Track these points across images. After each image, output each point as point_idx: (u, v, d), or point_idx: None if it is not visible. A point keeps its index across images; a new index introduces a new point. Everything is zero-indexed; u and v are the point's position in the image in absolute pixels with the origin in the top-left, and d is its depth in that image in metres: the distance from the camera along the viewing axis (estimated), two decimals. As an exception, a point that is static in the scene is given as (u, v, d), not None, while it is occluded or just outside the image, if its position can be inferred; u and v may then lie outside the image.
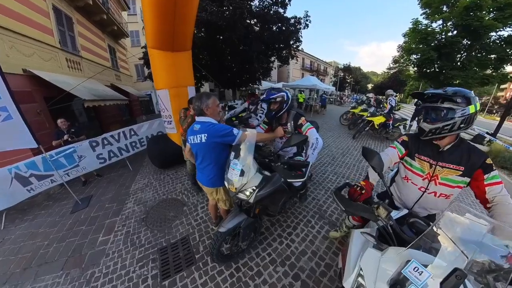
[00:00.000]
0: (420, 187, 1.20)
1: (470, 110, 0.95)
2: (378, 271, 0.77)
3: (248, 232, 1.70)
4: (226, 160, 1.57)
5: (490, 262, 0.69)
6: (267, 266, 1.86)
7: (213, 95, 1.57)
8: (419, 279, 0.64)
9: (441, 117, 1.01)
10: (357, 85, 40.26)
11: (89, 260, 2.11)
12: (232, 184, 1.46)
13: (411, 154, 1.24)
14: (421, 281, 0.64)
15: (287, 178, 1.52)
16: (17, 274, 2.05)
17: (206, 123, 1.52)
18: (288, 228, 2.31)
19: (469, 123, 0.99)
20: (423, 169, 1.17)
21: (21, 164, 2.96)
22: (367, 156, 1.13)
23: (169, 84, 3.63)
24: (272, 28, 8.82)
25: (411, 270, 0.67)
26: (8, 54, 3.89)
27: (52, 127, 4.65)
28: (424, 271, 0.66)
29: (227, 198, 1.86)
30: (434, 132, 1.04)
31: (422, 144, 1.19)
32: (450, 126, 0.99)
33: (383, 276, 0.74)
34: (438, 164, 1.12)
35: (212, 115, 1.56)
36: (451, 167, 1.08)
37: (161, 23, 2.97)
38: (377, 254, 0.84)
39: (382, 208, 0.93)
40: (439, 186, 1.13)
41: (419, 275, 0.65)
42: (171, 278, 1.79)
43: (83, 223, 2.72)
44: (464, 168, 1.05)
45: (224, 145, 1.57)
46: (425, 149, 1.18)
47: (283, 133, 1.87)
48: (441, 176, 1.12)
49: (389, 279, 0.71)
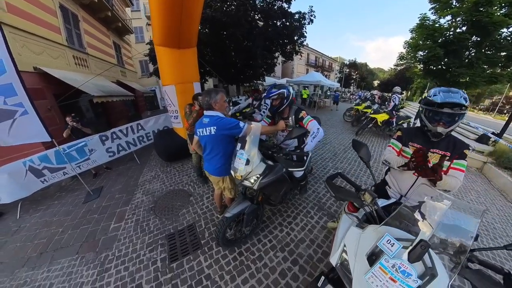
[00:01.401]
0: (414, 172, 1.29)
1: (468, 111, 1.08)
2: (358, 246, 0.84)
3: (251, 218, 1.81)
4: (232, 150, 1.68)
5: (461, 243, 0.78)
6: (267, 252, 1.96)
7: (221, 91, 1.67)
8: (391, 250, 0.72)
9: (456, 120, 1.13)
10: (362, 81, 39.46)
11: (103, 244, 2.25)
12: (238, 172, 1.56)
13: (406, 143, 1.38)
14: (393, 252, 0.71)
15: (288, 167, 1.61)
16: (34, 258, 2.22)
17: (215, 117, 1.63)
18: (289, 218, 2.41)
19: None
20: None
21: (35, 157, 3.13)
22: (356, 148, 1.24)
23: (176, 80, 3.73)
24: (276, 23, 8.76)
25: (385, 242, 0.75)
26: (20, 52, 4.04)
27: (62, 123, 4.82)
28: (395, 243, 0.73)
29: (232, 187, 1.96)
30: (446, 133, 1.17)
31: (415, 134, 1.35)
32: (456, 126, 1.15)
33: (362, 250, 0.81)
34: (430, 150, 1.26)
35: (220, 110, 1.66)
36: (440, 152, 1.23)
37: (168, 21, 3.03)
38: (358, 232, 0.91)
39: (368, 194, 1.01)
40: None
41: (391, 247, 0.73)
42: (179, 261, 1.92)
43: (95, 212, 2.88)
44: (450, 154, 1.21)
45: (231, 137, 1.68)
46: (418, 138, 1.33)
47: (285, 126, 1.95)
48: (432, 160, 1.22)
49: (367, 252, 0.79)
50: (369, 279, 0.70)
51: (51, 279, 1.93)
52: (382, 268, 0.70)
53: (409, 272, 0.66)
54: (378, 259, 0.73)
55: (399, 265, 0.68)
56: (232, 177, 1.87)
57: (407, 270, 0.67)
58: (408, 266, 0.67)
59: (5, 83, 2.47)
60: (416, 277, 0.66)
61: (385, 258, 0.71)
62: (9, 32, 3.79)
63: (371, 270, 0.71)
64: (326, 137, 6.02)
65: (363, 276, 0.72)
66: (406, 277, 0.66)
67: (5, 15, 3.82)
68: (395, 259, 0.70)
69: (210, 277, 1.75)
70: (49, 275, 1.98)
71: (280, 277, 1.72)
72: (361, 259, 0.78)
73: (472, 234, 0.77)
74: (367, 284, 0.70)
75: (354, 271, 0.77)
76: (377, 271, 0.70)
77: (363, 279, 0.72)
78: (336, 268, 0.87)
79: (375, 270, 0.71)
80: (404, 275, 0.66)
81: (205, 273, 1.78)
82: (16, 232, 2.70)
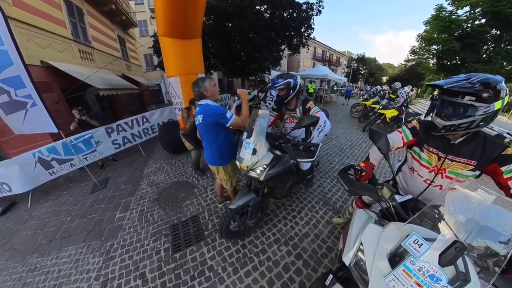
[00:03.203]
0: (426, 179, 1.14)
1: (496, 107, 0.81)
2: (378, 245, 0.77)
3: (255, 210, 1.77)
4: (223, 141, 1.68)
5: (488, 246, 0.69)
6: (271, 245, 1.93)
7: (207, 77, 1.64)
8: (418, 251, 0.64)
9: (459, 113, 0.87)
10: (371, 77, 38.02)
11: (108, 233, 2.29)
12: (244, 162, 1.50)
13: (420, 143, 1.15)
14: (420, 253, 0.64)
15: (297, 158, 1.55)
16: (44, 245, 2.29)
17: (203, 105, 1.60)
18: (293, 212, 2.37)
19: (490, 121, 0.85)
20: (430, 161, 1.10)
21: (44, 149, 3.19)
22: (374, 138, 1.10)
23: (180, 71, 3.68)
24: (283, 14, 8.48)
25: (411, 242, 0.67)
26: (26, 46, 4.08)
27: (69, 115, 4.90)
28: (424, 243, 0.65)
29: (227, 178, 1.93)
30: (448, 129, 0.93)
31: (432, 134, 1.08)
32: (467, 124, 0.86)
33: (383, 250, 0.74)
34: (448, 158, 1.02)
35: (212, 96, 1.64)
36: (461, 161, 0.98)
37: (172, 10, 2.97)
38: (378, 229, 0.84)
39: (386, 188, 0.91)
40: (445, 179, 1.06)
41: (418, 247, 0.65)
42: (182, 252, 1.92)
43: (101, 202, 2.93)
44: (477, 163, 0.95)
45: (219, 126, 1.62)
46: (434, 140, 1.07)
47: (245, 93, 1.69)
48: (448, 169, 1.03)
49: (389, 252, 0.71)
50: (390, 282, 0.64)
51: (60, 265, 1.99)
52: (406, 270, 0.63)
53: (439, 277, 0.59)
54: (402, 260, 0.66)
55: (428, 269, 0.61)
56: (227, 168, 1.87)
57: (437, 275, 0.60)
58: (438, 270, 0.60)
59: (14, 75, 2.52)
60: (447, 282, 0.59)
61: (411, 260, 0.64)
62: (15, 26, 3.81)
63: (393, 272, 0.65)
64: (333, 132, 5.87)
65: (382, 279, 0.66)
66: (435, 282, 0.59)
67: (10, 8, 3.85)
68: (423, 262, 0.62)
69: (212, 268, 1.74)
70: (58, 262, 2.04)
71: (283, 271, 1.69)
72: (381, 260, 0.71)
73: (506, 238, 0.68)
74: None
75: (371, 272, 0.70)
76: (400, 274, 0.64)
77: (382, 282, 0.65)
78: (349, 268, 0.81)
79: (397, 273, 0.64)
80: (433, 279, 0.60)
81: (208, 264, 1.78)
82: (27, 221, 2.79)
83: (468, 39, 7.24)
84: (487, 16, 6.85)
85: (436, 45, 8.67)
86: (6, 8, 3.72)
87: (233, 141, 1.88)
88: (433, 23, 8.36)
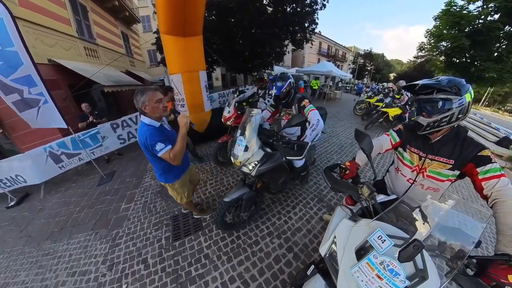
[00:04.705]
0: (409, 178, 1.19)
1: (467, 99, 0.89)
2: (348, 239, 0.82)
3: (249, 204, 1.89)
4: (162, 161, 1.47)
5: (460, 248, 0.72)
6: (264, 237, 2.05)
7: (151, 89, 1.36)
8: (381, 246, 0.68)
9: (438, 109, 0.94)
10: (377, 73, 36.60)
11: (114, 222, 2.46)
12: (237, 158, 1.61)
13: (404, 144, 1.22)
14: (383, 248, 0.67)
15: (286, 155, 1.63)
16: (56, 233, 2.49)
17: (141, 124, 1.38)
18: (288, 207, 2.47)
19: (466, 113, 0.93)
20: (412, 161, 1.16)
21: (54, 144, 3.38)
22: (358, 138, 1.14)
23: (182, 68, 3.75)
24: (286, 9, 8.32)
25: (376, 238, 0.71)
26: (34, 45, 4.22)
27: (77, 112, 5.08)
28: (386, 239, 0.69)
29: (176, 195, 1.83)
30: (433, 125, 0.98)
31: (414, 135, 1.15)
32: (448, 117, 0.93)
33: (352, 244, 0.79)
34: (428, 157, 1.08)
35: (152, 114, 1.36)
36: (440, 160, 1.03)
37: (172, 8, 3.02)
38: (350, 224, 0.89)
39: (366, 187, 0.96)
40: (427, 178, 1.11)
41: (381, 243, 0.69)
42: (181, 240, 2.07)
43: (108, 194, 3.11)
44: (454, 162, 0.99)
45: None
46: (416, 140, 1.14)
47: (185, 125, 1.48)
48: (429, 169, 1.08)
49: (357, 246, 0.76)
50: (355, 273, 0.69)
51: (70, 250, 2.18)
52: (369, 263, 0.68)
53: (398, 272, 0.63)
54: (366, 254, 0.71)
55: (388, 263, 0.65)
56: (174, 185, 1.72)
57: (396, 269, 0.64)
58: (397, 265, 0.64)
59: (25, 75, 2.67)
60: (405, 277, 0.62)
61: (374, 254, 0.69)
62: (22, 25, 3.93)
63: (357, 264, 0.70)
64: (334, 130, 5.89)
65: (349, 270, 0.71)
66: (394, 276, 0.63)
67: (17, 8, 3.96)
68: (384, 256, 0.67)
69: (208, 256, 1.88)
70: (68, 247, 2.22)
71: (274, 262, 1.80)
72: (349, 252, 0.77)
73: (474, 240, 0.71)
74: (352, 278, 0.69)
75: (341, 263, 0.76)
76: (364, 266, 0.68)
77: (348, 272, 0.71)
78: (324, 258, 0.87)
79: (362, 265, 0.69)
80: (392, 273, 0.63)
81: (204, 253, 1.91)
82: (41, 210, 3.00)
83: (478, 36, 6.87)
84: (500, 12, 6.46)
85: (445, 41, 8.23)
86: (13, 8, 3.82)
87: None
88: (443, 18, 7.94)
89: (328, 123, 6.55)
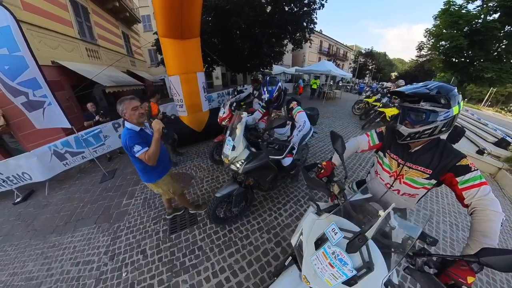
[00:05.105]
0: (386, 183, 1.19)
1: (454, 112, 0.86)
2: (311, 231, 0.91)
3: (239, 199, 2.02)
4: (140, 162, 1.59)
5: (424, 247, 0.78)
6: (254, 232, 2.19)
7: (128, 99, 1.52)
8: (334, 238, 0.76)
9: (422, 120, 0.90)
10: (379, 72, 35.95)
11: (116, 217, 2.62)
12: (226, 157, 1.75)
13: (384, 148, 1.19)
14: (335, 240, 0.76)
15: (269, 155, 1.76)
16: (61, 226, 2.65)
17: (124, 128, 1.56)
18: (279, 204, 2.60)
19: (451, 126, 0.90)
20: (391, 166, 1.15)
21: (58, 143, 3.54)
22: (332, 139, 1.18)
23: (180, 70, 3.88)
24: (284, 9, 8.31)
25: (330, 230, 0.79)
26: (38, 48, 4.36)
27: (79, 111, 5.24)
28: (338, 232, 0.77)
29: (162, 192, 1.95)
30: (413, 136, 0.95)
31: (395, 141, 1.10)
32: (431, 130, 0.90)
33: (313, 235, 0.87)
34: (406, 165, 1.06)
35: (131, 120, 1.52)
36: (418, 168, 1.02)
37: (169, 12, 3.13)
38: (314, 218, 0.98)
39: (337, 185, 1.02)
40: (403, 185, 1.11)
41: (334, 235, 0.77)
42: (177, 233, 2.22)
43: (110, 190, 3.27)
44: (432, 171, 0.98)
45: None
46: (396, 147, 1.11)
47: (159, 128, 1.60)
48: (406, 176, 1.08)
49: (317, 237, 0.84)
50: (313, 261, 0.78)
51: (74, 242, 2.34)
52: (324, 253, 0.76)
53: (346, 261, 0.71)
54: (323, 244, 0.79)
55: (338, 253, 0.73)
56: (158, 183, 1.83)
57: (344, 259, 0.71)
58: (345, 255, 0.71)
59: (30, 78, 2.82)
60: (352, 267, 0.70)
61: (328, 244, 0.77)
62: (26, 29, 4.06)
63: (315, 253, 0.79)
64: (330, 129, 5.92)
65: (309, 258, 0.80)
66: (343, 265, 0.70)
67: (21, 13, 4.09)
68: (335, 247, 0.74)
69: (202, 248, 2.03)
70: (73, 240, 2.38)
71: (262, 255, 1.93)
72: (310, 243, 0.85)
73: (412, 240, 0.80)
74: (312, 265, 0.78)
75: (304, 253, 0.86)
76: (320, 255, 0.77)
77: (309, 261, 0.80)
78: (294, 248, 0.96)
79: (318, 254, 0.77)
80: (341, 263, 0.71)
81: (198, 245, 2.06)
82: (46, 206, 3.17)
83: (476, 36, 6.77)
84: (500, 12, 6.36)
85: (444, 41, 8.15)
86: (18, 12, 3.97)
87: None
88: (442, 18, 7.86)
89: (326, 123, 6.64)
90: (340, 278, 0.70)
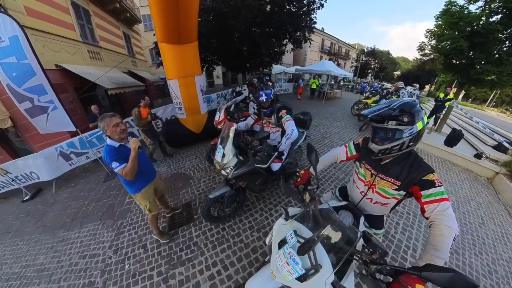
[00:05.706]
0: (361, 191, 1.26)
1: (418, 127, 0.92)
2: (278, 233, 1.05)
3: (231, 201, 2.20)
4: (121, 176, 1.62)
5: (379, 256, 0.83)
6: (246, 230, 2.36)
7: (108, 116, 1.56)
8: (291, 241, 0.93)
9: (389, 137, 0.97)
10: (381, 72, 34.79)
11: (119, 214, 2.82)
12: (218, 163, 1.92)
13: (360, 159, 1.26)
14: (291, 243, 0.92)
15: (254, 163, 1.93)
16: (68, 223, 2.85)
17: (105, 144, 1.61)
18: (270, 205, 2.75)
19: (418, 140, 0.96)
20: (365, 176, 1.22)
21: (64, 144, 3.75)
22: (308, 152, 1.28)
23: (178, 74, 4.01)
24: (283, 9, 8.26)
25: (289, 234, 0.95)
26: (42, 52, 4.51)
27: (83, 113, 5.42)
28: (294, 237, 0.93)
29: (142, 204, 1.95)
30: (384, 152, 1.02)
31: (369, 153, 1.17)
32: (399, 146, 0.97)
33: (279, 237, 1.02)
34: (378, 175, 1.13)
35: (112, 136, 1.57)
36: (388, 180, 1.08)
37: (166, 18, 3.23)
38: (282, 223, 1.12)
39: (308, 194, 1.11)
40: (375, 194, 1.17)
41: (291, 239, 0.93)
42: (175, 230, 2.42)
43: (113, 189, 3.47)
44: (400, 183, 1.04)
45: None
46: (370, 158, 1.18)
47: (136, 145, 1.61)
48: (378, 186, 1.14)
49: (281, 239, 0.99)
50: (276, 259, 0.92)
51: (81, 238, 2.54)
52: (283, 253, 0.90)
53: (297, 262, 0.84)
54: (283, 245, 0.94)
55: (292, 254, 0.87)
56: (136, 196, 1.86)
57: (296, 260, 0.85)
58: (297, 256, 0.85)
59: (37, 84, 2.99)
60: (302, 267, 0.83)
61: (286, 246, 0.92)
62: (31, 34, 4.20)
63: (278, 252, 0.93)
64: (328, 130, 5.94)
65: (275, 256, 0.95)
66: (296, 264, 0.84)
67: (25, 18, 4.21)
68: (290, 249, 0.89)
69: (197, 244, 2.22)
70: (80, 235, 2.59)
71: (252, 252, 2.08)
72: (275, 243, 1.01)
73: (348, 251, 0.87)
74: (275, 262, 0.92)
75: (272, 251, 1.01)
76: (280, 254, 0.91)
77: (274, 258, 0.94)
78: (267, 247, 1.12)
79: (280, 253, 0.92)
80: (294, 262, 0.85)
81: (194, 241, 2.26)
82: (53, 204, 3.38)
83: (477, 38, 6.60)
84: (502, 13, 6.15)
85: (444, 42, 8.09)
86: (21, 18, 4.07)
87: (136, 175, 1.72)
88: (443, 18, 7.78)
89: (323, 124, 6.64)
90: (294, 274, 0.84)
